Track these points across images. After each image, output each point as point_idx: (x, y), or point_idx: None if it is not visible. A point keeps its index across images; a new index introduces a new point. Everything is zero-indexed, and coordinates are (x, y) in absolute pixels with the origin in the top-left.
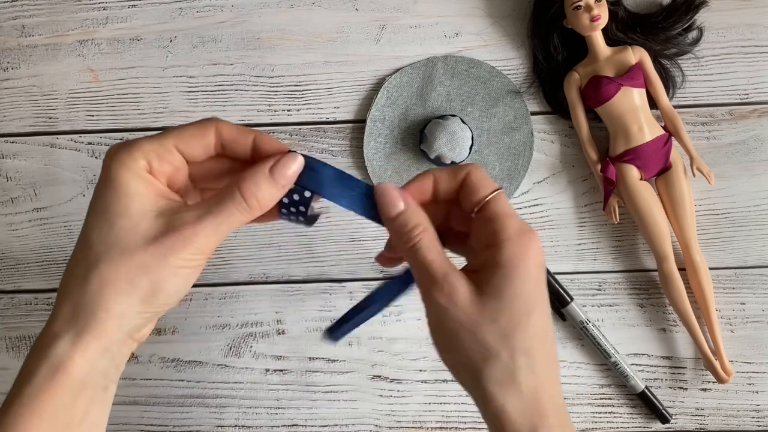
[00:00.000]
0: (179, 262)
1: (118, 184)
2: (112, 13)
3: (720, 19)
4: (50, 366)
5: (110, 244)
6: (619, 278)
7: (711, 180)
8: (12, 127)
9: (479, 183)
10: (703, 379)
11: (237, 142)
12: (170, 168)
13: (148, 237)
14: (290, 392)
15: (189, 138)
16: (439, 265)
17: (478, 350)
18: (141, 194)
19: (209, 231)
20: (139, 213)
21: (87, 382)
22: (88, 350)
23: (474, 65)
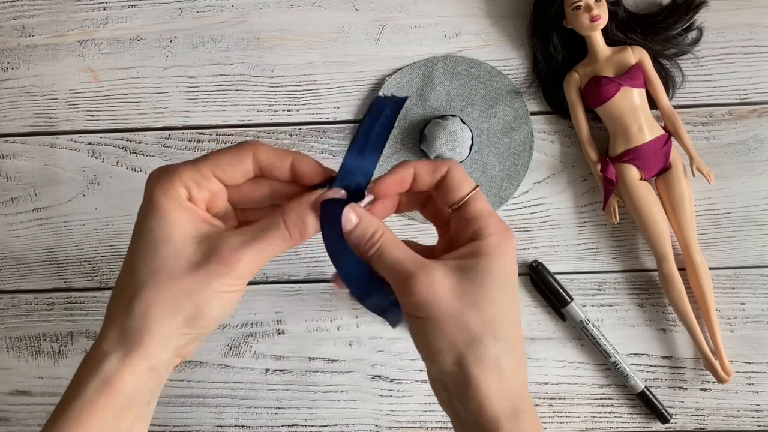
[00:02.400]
0: (221, 287)
1: (161, 211)
2: (112, 13)
3: (720, 19)
4: (100, 382)
5: (155, 270)
6: (618, 278)
7: (711, 180)
8: (12, 127)
9: (459, 181)
10: (702, 379)
11: (275, 165)
12: (208, 194)
13: (191, 263)
14: (290, 392)
15: (226, 165)
16: (410, 259)
17: (463, 335)
18: (183, 221)
19: (251, 258)
20: (182, 239)
21: (134, 398)
22: (136, 368)
23: (474, 65)
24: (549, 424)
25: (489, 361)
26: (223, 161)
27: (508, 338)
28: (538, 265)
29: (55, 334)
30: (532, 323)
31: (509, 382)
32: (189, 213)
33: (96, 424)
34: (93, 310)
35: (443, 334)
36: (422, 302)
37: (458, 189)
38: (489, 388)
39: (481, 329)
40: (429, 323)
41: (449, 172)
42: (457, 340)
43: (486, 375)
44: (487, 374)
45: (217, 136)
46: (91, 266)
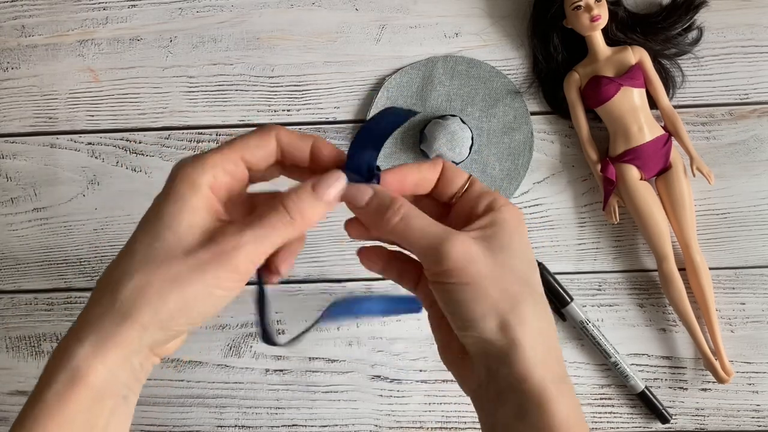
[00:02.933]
0: (214, 280)
1: (178, 197)
2: (112, 13)
3: (720, 19)
4: (69, 372)
5: (150, 256)
6: (619, 278)
7: (711, 180)
8: (12, 127)
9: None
10: (703, 379)
11: (296, 148)
12: (231, 179)
13: (187, 250)
14: (290, 392)
15: (254, 148)
16: (439, 226)
17: (505, 298)
18: (196, 209)
19: (250, 247)
20: (187, 227)
21: (106, 390)
22: (108, 358)
23: (474, 65)
24: None
25: (531, 324)
26: (251, 143)
27: (542, 297)
28: (538, 265)
29: (55, 335)
30: None
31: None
32: (205, 202)
33: (67, 417)
34: None
35: (485, 298)
36: (460, 266)
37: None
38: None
39: (523, 292)
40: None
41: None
42: (500, 303)
43: (532, 340)
44: (532, 339)
45: (217, 136)
46: (91, 266)
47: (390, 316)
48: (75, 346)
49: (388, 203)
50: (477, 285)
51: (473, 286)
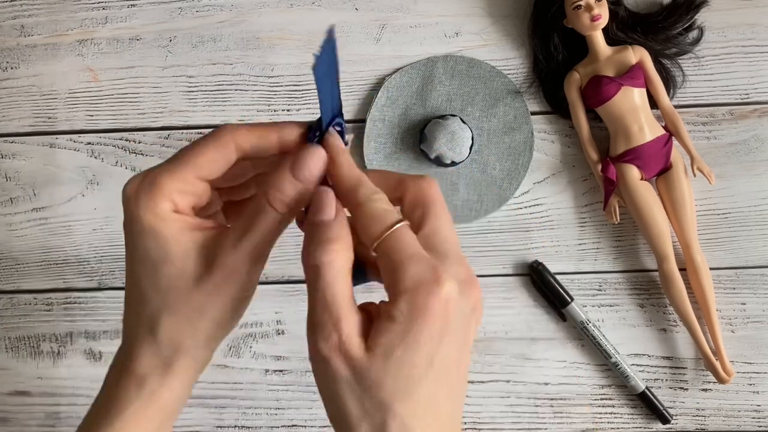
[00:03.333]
0: (233, 293)
1: (152, 231)
2: (112, 12)
3: (720, 18)
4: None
5: (164, 292)
6: (619, 278)
7: (711, 180)
8: (11, 127)
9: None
10: (703, 379)
11: (260, 148)
12: (194, 198)
13: (195, 278)
14: (290, 392)
15: (207, 164)
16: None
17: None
18: (177, 236)
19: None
20: (181, 255)
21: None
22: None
23: (474, 65)
24: (550, 425)
25: None
26: (203, 160)
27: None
28: (538, 265)
29: (55, 335)
30: (533, 324)
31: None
32: (180, 224)
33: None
34: (92, 310)
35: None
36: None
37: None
38: None
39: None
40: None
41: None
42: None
43: None
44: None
45: None
46: (91, 266)
47: None
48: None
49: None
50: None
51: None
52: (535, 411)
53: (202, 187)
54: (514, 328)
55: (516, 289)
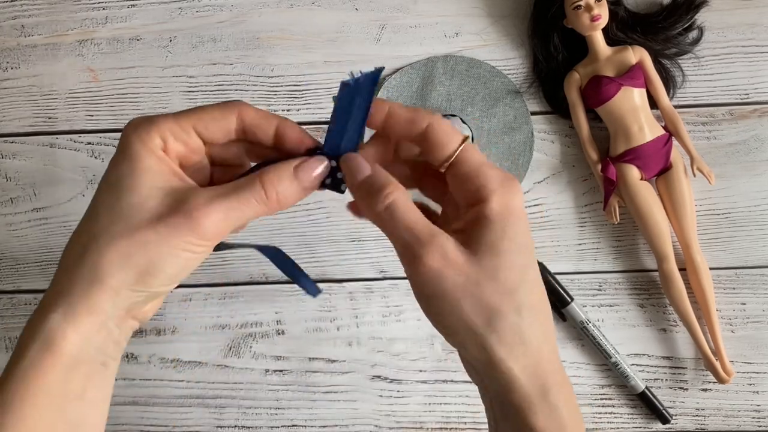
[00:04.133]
0: (182, 244)
1: (132, 158)
2: (112, 12)
3: (720, 18)
4: (42, 341)
5: (115, 219)
6: (619, 278)
7: (711, 180)
8: (11, 127)
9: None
10: (703, 379)
11: (260, 127)
12: (184, 149)
13: (154, 214)
14: (290, 392)
15: (209, 120)
16: (423, 225)
17: (481, 312)
18: (154, 170)
19: (219, 215)
20: (148, 189)
21: (81, 357)
22: (81, 324)
23: (474, 65)
24: None
25: (513, 338)
26: (206, 116)
27: (532, 306)
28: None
29: None
30: None
31: (537, 356)
32: (161, 164)
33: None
34: None
35: (459, 313)
36: (434, 277)
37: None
38: (516, 366)
39: (501, 302)
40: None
41: (431, 126)
42: (475, 318)
43: (511, 354)
44: (512, 353)
45: None
46: None
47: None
48: (47, 314)
49: (378, 188)
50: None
51: (446, 299)
52: None
53: (195, 142)
54: None
55: None
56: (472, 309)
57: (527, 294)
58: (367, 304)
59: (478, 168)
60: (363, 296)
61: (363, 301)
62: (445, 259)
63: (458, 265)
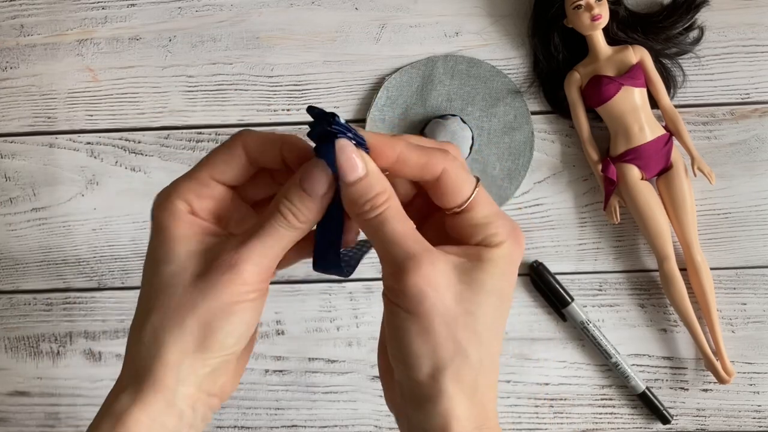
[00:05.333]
0: (231, 296)
1: (162, 230)
2: (111, 12)
3: (721, 18)
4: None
5: (159, 291)
6: (619, 278)
7: (712, 180)
8: (11, 127)
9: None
10: (704, 379)
11: (265, 153)
12: (212, 202)
13: (194, 275)
14: (290, 393)
15: (220, 163)
16: (413, 239)
17: (448, 344)
18: (185, 236)
19: (255, 257)
20: (186, 255)
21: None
22: (149, 404)
23: (474, 65)
24: (550, 425)
25: (468, 378)
26: (216, 160)
27: (492, 354)
28: (538, 265)
29: (54, 335)
30: (533, 324)
31: (482, 402)
32: (191, 227)
33: None
34: (92, 311)
35: (428, 337)
36: (416, 294)
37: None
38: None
39: (470, 342)
40: (415, 320)
41: (444, 173)
42: (442, 347)
43: (461, 393)
44: (460, 392)
45: (216, 135)
46: (90, 266)
47: None
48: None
49: (372, 193)
50: (425, 320)
51: (421, 319)
52: (535, 411)
53: (219, 190)
54: (514, 328)
55: (516, 289)
56: (442, 337)
57: (492, 344)
58: (367, 304)
59: (490, 217)
60: (363, 296)
61: (363, 301)
62: (431, 279)
63: (443, 290)
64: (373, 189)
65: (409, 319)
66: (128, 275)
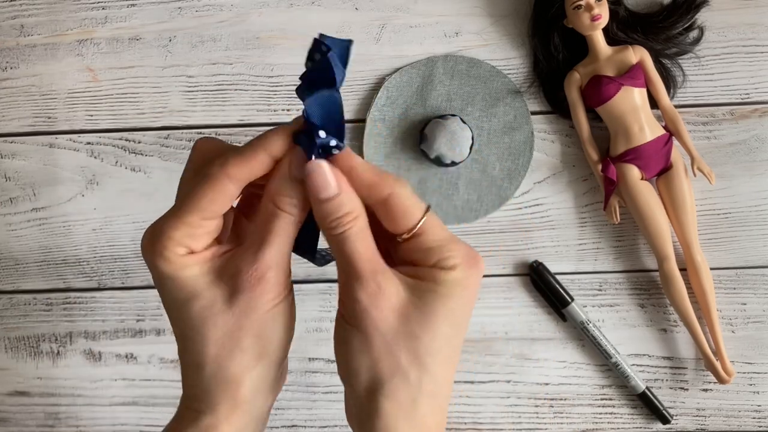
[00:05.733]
0: (265, 305)
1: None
2: (112, 12)
3: (721, 18)
4: None
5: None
6: (619, 278)
7: (712, 180)
8: (11, 127)
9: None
10: (704, 379)
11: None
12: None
13: (225, 300)
14: (290, 393)
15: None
16: (367, 259)
17: (387, 363)
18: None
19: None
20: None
21: None
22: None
23: (474, 65)
24: (550, 425)
25: (406, 399)
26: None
27: (437, 379)
28: (538, 265)
29: (54, 335)
30: (533, 324)
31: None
32: (197, 264)
33: None
34: (92, 311)
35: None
36: (360, 311)
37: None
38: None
39: (410, 363)
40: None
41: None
42: (380, 366)
43: (397, 412)
44: (398, 411)
45: (216, 135)
46: (90, 266)
47: None
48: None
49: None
50: (366, 336)
51: (362, 335)
52: (535, 411)
53: (213, 223)
54: (514, 328)
55: (516, 289)
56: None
57: (439, 367)
58: None
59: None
60: None
61: None
62: (375, 298)
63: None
64: (343, 208)
65: (352, 332)
66: (128, 275)
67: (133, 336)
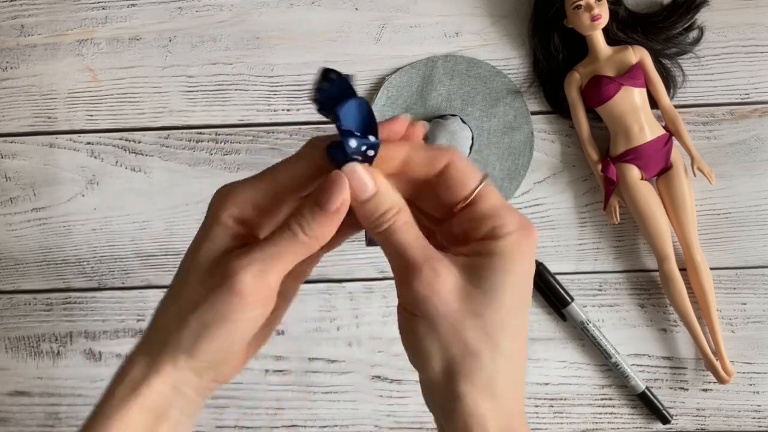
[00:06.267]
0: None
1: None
2: (112, 12)
3: (721, 18)
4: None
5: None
6: (619, 278)
7: (712, 180)
8: (11, 127)
9: (463, 174)
10: (703, 379)
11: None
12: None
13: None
14: (290, 393)
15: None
16: (417, 248)
17: (457, 346)
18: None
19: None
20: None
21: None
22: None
23: (474, 65)
24: (550, 425)
25: (482, 379)
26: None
27: (509, 353)
28: (538, 265)
29: (54, 335)
30: (533, 323)
31: (502, 401)
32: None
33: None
34: (92, 311)
35: (436, 338)
36: (420, 299)
37: (464, 183)
38: (478, 406)
39: (479, 342)
40: (422, 322)
41: (450, 165)
42: (450, 349)
43: (476, 393)
44: (477, 392)
45: (216, 135)
46: (90, 266)
47: None
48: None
49: (381, 211)
50: (431, 322)
51: (427, 321)
52: (535, 411)
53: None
54: None
55: None
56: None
57: (508, 340)
58: (368, 304)
59: (498, 208)
60: (363, 296)
61: (363, 301)
62: (432, 285)
63: (445, 294)
64: (383, 205)
65: (416, 321)
66: (128, 275)
67: (134, 336)
